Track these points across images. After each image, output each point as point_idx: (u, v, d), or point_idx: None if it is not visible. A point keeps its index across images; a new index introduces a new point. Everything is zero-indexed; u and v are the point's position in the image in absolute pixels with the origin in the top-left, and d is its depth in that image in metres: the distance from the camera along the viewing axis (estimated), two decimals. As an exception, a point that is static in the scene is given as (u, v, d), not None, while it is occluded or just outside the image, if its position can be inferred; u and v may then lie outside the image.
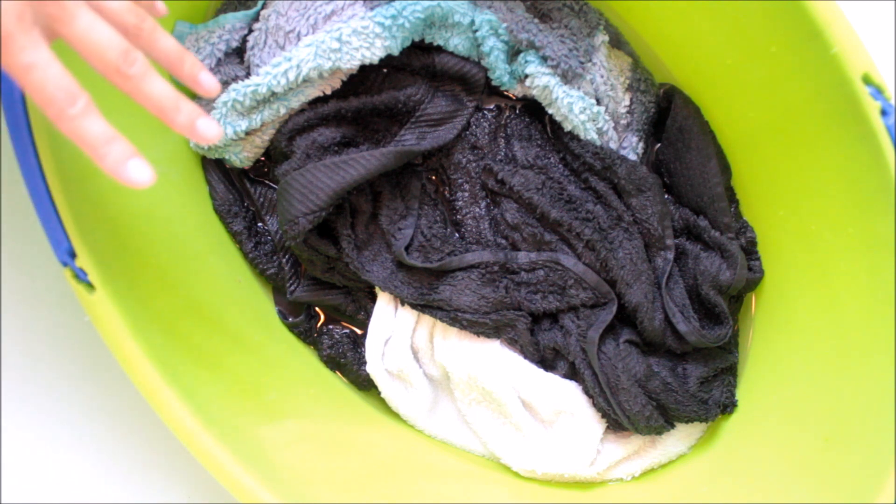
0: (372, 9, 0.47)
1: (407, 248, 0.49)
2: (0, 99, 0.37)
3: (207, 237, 0.51)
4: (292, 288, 0.52)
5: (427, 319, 0.51)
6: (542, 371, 0.50)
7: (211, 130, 0.34)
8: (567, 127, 0.50)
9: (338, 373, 0.53)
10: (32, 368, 0.52)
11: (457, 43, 0.48)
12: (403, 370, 0.51)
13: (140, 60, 0.32)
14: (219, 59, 0.49)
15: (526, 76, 0.49)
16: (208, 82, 0.36)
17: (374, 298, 0.52)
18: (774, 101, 0.45)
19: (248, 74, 0.49)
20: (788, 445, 0.45)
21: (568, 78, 0.49)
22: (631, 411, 0.47)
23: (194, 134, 0.34)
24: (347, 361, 0.52)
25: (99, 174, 0.42)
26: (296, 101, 0.48)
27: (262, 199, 0.52)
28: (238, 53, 0.50)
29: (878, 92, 0.38)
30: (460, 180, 0.51)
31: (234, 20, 0.49)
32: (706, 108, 0.51)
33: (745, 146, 0.49)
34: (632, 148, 0.52)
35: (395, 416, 0.52)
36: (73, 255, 0.37)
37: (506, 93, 0.52)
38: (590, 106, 0.49)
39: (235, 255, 0.52)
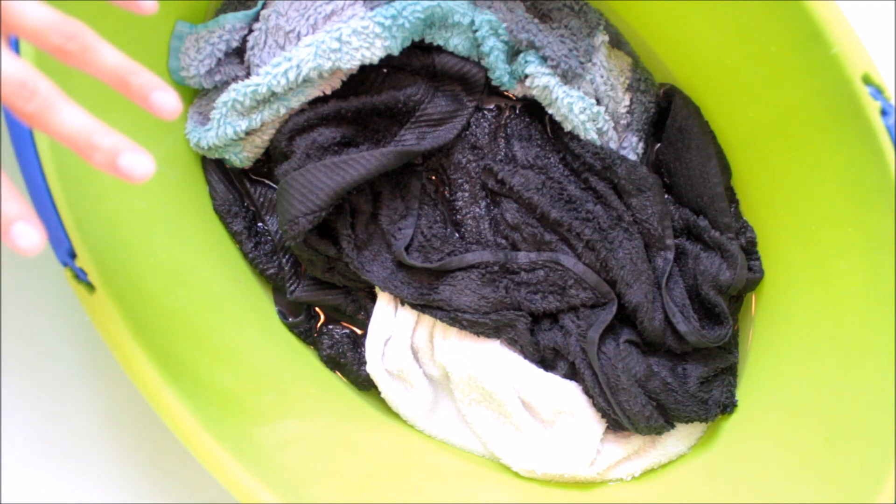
0: (372, 9, 0.47)
1: (407, 248, 0.49)
2: (-1, 99, 0.37)
3: (207, 237, 0.51)
4: (292, 288, 0.52)
5: (427, 319, 0.51)
6: (542, 371, 0.50)
7: (140, 168, 0.29)
8: (567, 127, 0.50)
9: (338, 373, 0.53)
10: (32, 368, 0.52)
11: (457, 43, 0.48)
12: (403, 370, 0.51)
13: (40, 94, 0.27)
14: (219, 59, 0.49)
15: (526, 76, 0.49)
16: (166, 102, 0.29)
17: (374, 298, 0.52)
18: (774, 101, 0.45)
19: (248, 74, 0.49)
20: (788, 445, 0.45)
21: (568, 78, 0.49)
22: (631, 411, 0.47)
23: (118, 172, 0.29)
24: (347, 361, 0.52)
25: (99, 174, 0.42)
26: (296, 101, 0.48)
27: (262, 199, 0.52)
28: (238, 53, 0.50)
29: (878, 92, 0.38)
30: (460, 180, 0.51)
31: (234, 20, 0.49)
32: (706, 108, 0.51)
33: (745, 146, 0.49)
34: (632, 148, 0.52)
35: (395, 416, 0.52)
36: (73, 255, 0.37)
37: (506, 93, 0.52)
38: (590, 106, 0.49)
39: (235, 255, 0.52)
